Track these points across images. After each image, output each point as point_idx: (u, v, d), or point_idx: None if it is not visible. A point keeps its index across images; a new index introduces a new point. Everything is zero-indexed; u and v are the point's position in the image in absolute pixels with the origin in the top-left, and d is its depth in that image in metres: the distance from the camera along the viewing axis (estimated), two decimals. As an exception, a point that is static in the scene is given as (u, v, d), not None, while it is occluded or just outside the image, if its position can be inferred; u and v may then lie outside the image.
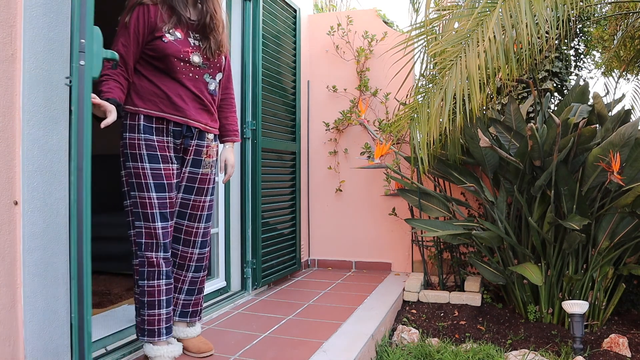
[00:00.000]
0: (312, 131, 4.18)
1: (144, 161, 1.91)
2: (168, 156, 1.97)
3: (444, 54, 2.60)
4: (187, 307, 2.16)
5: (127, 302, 2.81)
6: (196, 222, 2.10)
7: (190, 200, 2.09)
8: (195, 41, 1.99)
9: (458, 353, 2.47)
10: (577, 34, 3.79)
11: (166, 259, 1.97)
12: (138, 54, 1.91)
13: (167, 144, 1.97)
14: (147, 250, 1.94)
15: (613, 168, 2.47)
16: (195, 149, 2.07)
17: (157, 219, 1.93)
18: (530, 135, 2.66)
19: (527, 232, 3.02)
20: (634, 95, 4.91)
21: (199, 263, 2.15)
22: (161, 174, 1.93)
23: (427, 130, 2.69)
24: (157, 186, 1.92)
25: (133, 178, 1.93)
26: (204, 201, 2.12)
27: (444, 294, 3.29)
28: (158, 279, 1.95)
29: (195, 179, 2.09)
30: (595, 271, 2.83)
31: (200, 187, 2.10)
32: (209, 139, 2.12)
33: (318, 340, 2.32)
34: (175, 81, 1.95)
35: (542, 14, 2.30)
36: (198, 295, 2.18)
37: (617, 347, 2.53)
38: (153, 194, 1.92)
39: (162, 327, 1.96)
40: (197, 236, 2.11)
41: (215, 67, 2.07)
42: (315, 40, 4.20)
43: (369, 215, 4.05)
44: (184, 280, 2.14)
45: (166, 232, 1.96)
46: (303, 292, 3.30)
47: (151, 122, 1.93)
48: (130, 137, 1.93)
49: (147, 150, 1.92)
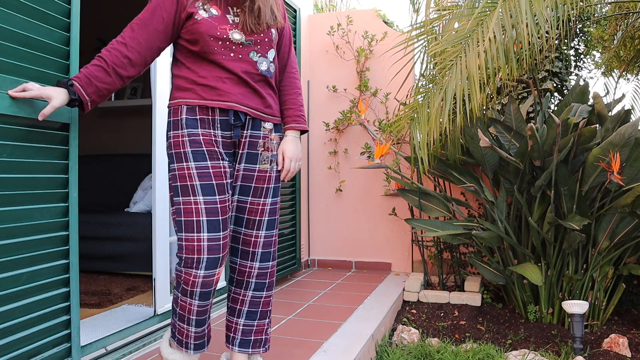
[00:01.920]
0: (312, 131, 4.18)
1: (188, 160, 1.65)
2: (217, 152, 1.68)
3: (444, 54, 2.60)
4: (248, 335, 1.82)
5: (127, 302, 2.81)
6: (255, 229, 1.78)
7: (247, 202, 1.78)
8: (236, 17, 1.71)
9: (458, 353, 2.47)
10: (577, 34, 3.80)
11: (207, 278, 1.62)
12: (156, 39, 1.66)
13: (214, 137, 1.69)
14: (186, 266, 1.62)
15: (613, 168, 2.48)
16: (249, 141, 1.76)
17: (204, 228, 1.61)
18: (530, 135, 2.66)
19: (527, 232, 3.03)
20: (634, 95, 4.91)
21: (260, 280, 1.80)
22: (209, 173, 1.64)
23: (427, 130, 2.69)
24: (205, 188, 1.63)
25: (177, 181, 1.66)
26: (264, 204, 1.78)
27: (444, 294, 3.29)
28: (191, 297, 1.64)
29: (252, 177, 1.77)
30: (595, 271, 2.84)
31: (258, 186, 1.78)
32: (266, 129, 1.79)
33: (318, 340, 2.32)
34: (214, 64, 1.68)
35: (542, 14, 2.30)
36: (262, 320, 1.84)
37: (617, 347, 2.53)
38: (200, 198, 1.62)
39: (190, 342, 1.72)
40: (257, 246, 1.79)
41: (264, 43, 1.74)
42: (315, 40, 4.20)
43: (369, 215, 4.05)
44: (244, 300, 1.81)
45: (214, 246, 1.62)
46: (303, 292, 3.30)
47: (194, 114, 1.67)
48: (174, 135, 1.69)
49: (191, 146, 1.65)
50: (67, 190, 1.74)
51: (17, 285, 1.55)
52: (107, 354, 2.03)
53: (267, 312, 1.85)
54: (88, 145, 4.30)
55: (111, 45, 1.63)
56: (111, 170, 4.19)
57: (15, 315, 1.54)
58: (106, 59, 1.59)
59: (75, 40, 1.76)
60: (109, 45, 1.63)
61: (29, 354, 1.58)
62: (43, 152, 1.65)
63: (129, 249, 3.43)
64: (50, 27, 1.66)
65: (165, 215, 2.44)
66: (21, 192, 1.57)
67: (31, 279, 1.60)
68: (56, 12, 1.69)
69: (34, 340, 1.60)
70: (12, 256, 1.54)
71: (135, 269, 3.43)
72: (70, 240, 1.75)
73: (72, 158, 1.75)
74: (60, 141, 1.72)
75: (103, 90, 1.58)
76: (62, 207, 1.73)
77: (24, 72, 1.56)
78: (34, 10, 1.60)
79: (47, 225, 1.67)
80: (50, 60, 1.66)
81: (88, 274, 3.56)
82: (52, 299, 1.69)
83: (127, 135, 4.41)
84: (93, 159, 4.24)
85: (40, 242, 1.64)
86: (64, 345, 1.73)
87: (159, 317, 2.38)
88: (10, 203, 1.53)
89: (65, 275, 1.74)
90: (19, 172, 1.56)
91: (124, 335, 2.19)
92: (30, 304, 1.59)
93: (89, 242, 3.45)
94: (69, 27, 1.74)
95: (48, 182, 1.68)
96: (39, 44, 1.61)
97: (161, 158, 2.41)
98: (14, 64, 1.53)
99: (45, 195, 1.66)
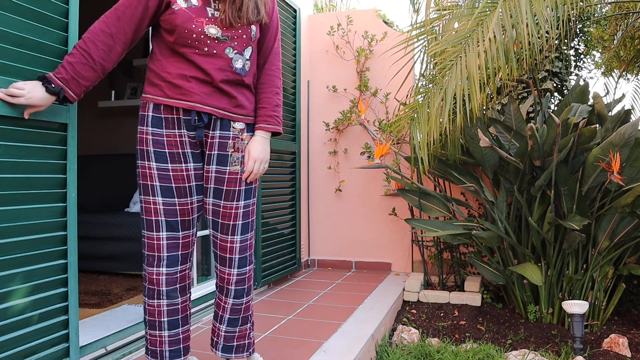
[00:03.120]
0: (312, 131, 4.18)
1: (150, 159, 1.65)
2: (180, 153, 1.67)
3: (444, 54, 2.59)
4: (231, 341, 1.81)
5: (127, 302, 2.81)
6: (229, 234, 1.73)
7: (220, 206, 1.73)
8: (216, 11, 1.65)
9: (458, 353, 2.47)
10: (577, 34, 3.79)
11: (170, 276, 1.68)
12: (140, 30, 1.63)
13: (180, 137, 1.66)
14: (148, 265, 1.68)
15: (613, 168, 2.47)
16: (219, 142, 1.70)
17: (162, 227, 1.65)
18: (530, 135, 2.66)
19: (527, 232, 3.02)
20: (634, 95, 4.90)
21: (239, 286, 1.77)
22: (169, 176, 1.65)
23: (427, 130, 2.69)
24: (164, 190, 1.65)
25: (140, 178, 1.68)
26: (236, 207, 1.73)
27: (444, 294, 3.29)
28: (158, 298, 1.68)
29: (223, 180, 1.72)
30: (595, 271, 2.83)
31: (230, 189, 1.72)
32: (236, 129, 1.72)
33: (318, 340, 2.32)
34: (184, 59, 1.63)
35: (542, 14, 2.30)
36: (243, 326, 1.81)
37: (617, 347, 2.53)
38: (159, 199, 1.65)
39: (165, 350, 1.71)
40: (233, 252, 1.74)
41: (242, 40, 1.68)
42: (315, 40, 4.20)
43: (369, 215, 4.05)
44: (225, 307, 1.79)
45: (173, 244, 1.67)
46: (303, 292, 3.29)
47: (159, 112, 1.65)
48: (139, 130, 1.68)
49: (154, 146, 1.65)
50: (65, 190, 1.74)
51: (13, 285, 1.55)
52: (107, 354, 2.03)
53: (248, 316, 1.83)
54: (88, 145, 4.31)
55: (96, 36, 1.55)
56: (111, 170, 4.19)
57: (12, 314, 1.54)
58: (93, 55, 1.54)
59: (74, 41, 1.75)
60: (94, 36, 1.55)
61: (25, 353, 1.58)
62: (41, 152, 1.65)
63: (129, 249, 3.43)
64: (48, 28, 1.66)
65: (165, 215, 2.43)
66: (19, 192, 1.57)
67: (28, 279, 1.60)
68: (54, 12, 1.69)
69: (31, 340, 1.60)
70: (8, 255, 1.53)
71: (135, 269, 3.44)
72: (69, 240, 1.75)
73: (70, 158, 1.75)
74: (58, 141, 1.71)
75: (88, 87, 1.59)
76: (61, 207, 1.73)
77: (20, 73, 1.56)
78: (30, 11, 1.59)
79: (45, 225, 1.66)
80: (48, 60, 1.66)
81: (88, 274, 3.56)
82: (50, 299, 1.68)
83: (127, 135, 4.41)
84: (93, 159, 4.24)
85: (38, 241, 1.64)
86: (62, 345, 1.73)
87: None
88: (7, 203, 1.53)
89: (64, 275, 1.73)
90: (16, 172, 1.56)
91: (124, 335, 2.19)
92: (27, 304, 1.59)
93: (89, 242, 3.45)
94: (67, 27, 1.73)
95: (46, 182, 1.67)
96: (35, 44, 1.61)
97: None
98: (9, 65, 1.52)
99: (43, 195, 1.66)
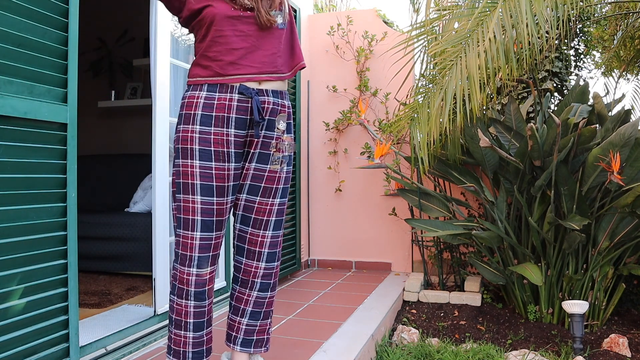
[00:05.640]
0: (312, 131, 4.18)
1: (194, 157, 1.64)
2: (225, 152, 1.67)
3: (444, 54, 2.59)
4: (251, 335, 1.81)
5: (127, 302, 2.81)
6: (262, 229, 1.76)
7: (255, 202, 1.75)
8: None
9: (458, 353, 2.47)
10: (577, 34, 3.79)
11: (200, 277, 1.66)
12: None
13: (227, 137, 1.66)
14: (180, 264, 1.66)
15: (613, 168, 2.47)
16: (263, 142, 1.73)
17: (197, 227, 1.64)
18: (530, 135, 2.66)
19: (527, 232, 3.02)
20: (634, 95, 4.91)
21: (265, 280, 1.79)
22: (211, 174, 1.65)
23: (427, 130, 2.69)
24: (204, 188, 1.64)
25: (181, 178, 1.66)
26: (272, 204, 1.76)
27: (444, 294, 3.29)
28: (186, 299, 1.67)
29: (262, 177, 1.74)
30: (595, 271, 2.83)
31: (268, 186, 1.75)
32: (280, 130, 1.75)
33: (318, 340, 2.32)
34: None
35: (542, 14, 2.30)
36: (265, 320, 1.83)
37: (617, 347, 2.53)
38: (198, 197, 1.64)
39: (189, 351, 1.69)
40: (263, 246, 1.77)
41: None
42: (315, 40, 4.19)
43: (369, 215, 4.05)
44: (248, 300, 1.79)
45: (205, 245, 1.66)
46: (303, 292, 3.29)
47: (209, 110, 1.66)
48: (183, 129, 1.67)
49: (200, 144, 1.64)
50: (65, 191, 1.74)
51: (14, 285, 1.55)
52: (107, 354, 2.03)
53: (270, 312, 1.84)
54: (88, 145, 4.31)
55: None
56: (111, 170, 4.19)
57: (12, 314, 1.54)
58: None
59: (73, 40, 1.76)
60: None
61: (25, 353, 1.58)
62: (41, 152, 1.65)
63: (129, 249, 3.43)
64: (48, 28, 1.66)
65: (165, 215, 2.44)
66: (19, 192, 1.57)
67: (28, 278, 1.60)
68: (53, 12, 1.69)
69: (31, 340, 1.60)
70: (8, 255, 1.53)
71: (135, 269, 3.44)
72: (69, 240, 1.75)
73: (70, 158, 1.75)
74: (58, 141, 1.72)
75: None
76: (61, 207, 1.73)
77: (19, 72, 1.56)
78: (30, 11, 1.60)
79: (45, 225, 1.67)
80: (47, 60, 1.66)
81: (88, 274, 3.56)
82: (50, 299, 1.69)
83: (127, 135, 4.41)
84: (93, 159, 4.24)
85: (38, 241, 1.64)
86: (62, 345, 1.73)
87: (159, 317, 2.38)
88: (7, 203, 1.53)
89: (64, 275, 1.74)
90: (16, 172, 1.56)
91: (124, 335, 2.19)
92: (27, 303, 1.59)
93: (89, 242, 3.45)
94: (67, 27, 1.73)
95: (46, 182, 1.67)
96: (35, 44, 1.61)
97: (161, 158, 2.41)
98: (9, 65, 1.52)
99: (43, 195, 1.66)
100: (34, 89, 1.62)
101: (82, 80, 1.90)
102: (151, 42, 2.39)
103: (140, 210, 3.68)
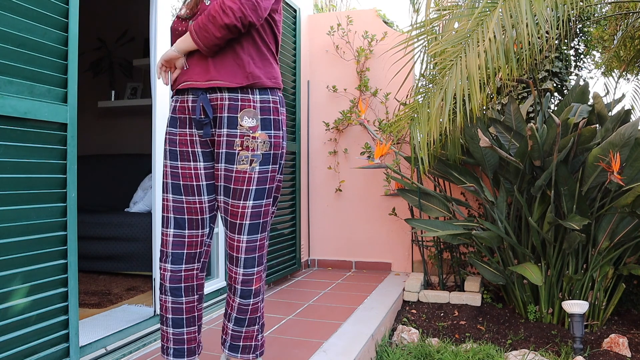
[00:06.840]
0: (312, 131, 4.18)
1: (166, 157, 1.73)
2: (189, 152, 1.70)
3: (444, 54, 2.59)
4: (237, 340, 1.78)
5: (127, 302, 2.81)
6: (236, 233, 1.70)
7: (228, 204, 1.70)
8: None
9: (458, 353, 2.47)
10: (577, 34, 3.79)
11: (174, 273, 1.70)
12: None
13: (191, 137, 1.70)
14: (159, 259, 1.73)
15: (613, 168, 2.47)
16: (227, 140, 1.66)
17: (170, 224, 1.70)
18: (530, 135, 2.66)
19: (527, 232, 3.02)
20: (634, 95, 4.91)
21: (245, 287, 1.72)
22: (177, 173, 1.70)
23: (427, 130, 2.69)
24: (174, 187, 1.71)
25: (162, 177, 1.76)
26: (244, 206, 1.68)
27: (444, 294, 3.29)
28: (164, 293, 1.72)
29: (230, 178, 1.68)
30: (595, 271, 2.83)
31: (237, 188, 1.67)
32: (244, 126, 1.65)
33: (318, 340, 2.32)
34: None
35: (542, 14, 2.30)
36: (251, 327, 1.77)
37: (617, 347, 2.53)
38: (170, 195, 1.71)
39: (170, 347, 1.72)
40: (239, 252, 1.70)
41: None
42: (315, 40, 4.20)
43: (369, 215, 4.05)
44: (233, 306, 1.76)
45: (179, 242, 1.70)
46: (303, 292, 3.29)
47: (174, 112, 1.73)
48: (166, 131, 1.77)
49: (169, 145, 1.73)
50: (66, 191, 1.74)
51: (14, 285, 1.55)
52: (107, 354, 2.03)
53: (256, 318, 1.78)
54: (88, 145, 4.31)
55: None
56: (111, 170, 4.19)
57: (12, 314, 1.54)
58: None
59: (73, 40, 1.76)
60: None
61: (25, 353, 1.58)
62: (41, 152, 1.65)
63: (129, 249, 3.43)
64: (47, 27, 1.66)
65: (165, 215, 2.43)
66: (19, 192, 1.57)
67: (29, 278, 1.60)
68: (53, 12, 1.69)
69: (31, 340, 1.60)
70: (9, 255, 1.53)
71: (135, 269, 3.43)
72: (69, 240, 1.75)
73: (70, 158, 1.75)
74: (58, 141, 1.72)
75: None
76: (61, 207, 1.73)
77: (19, 72, 1.56)
78: (30, 11, 1.60)
79: (45, 225, 1.67)
80: (47, 60, 1.66)
81: (88, 274, 3.55)
82: (50, 299, 1.69)
83: (127, 135, 4.41)
84: (93, 159, 4.24)
85: (38, 241, 1.64)
86: (62, 345, 1.73)
87: (159, 317, 2.37)
88: (7, 203, 1.53)
89: (64, 275, 1.74)
90: (16, 172, 1.56)
91: (124, 335, 2.19)
92: (27, 303, 1.59)
93: (89, 242, 3.45)
94: (67, 27, 1.73)
95: (46, 182, 1.67)
96: (35, 44, 1.61)
97: (161, 158, 2.41)
98: (9, 65, 1.52)
99: (43, 195, 1.66)
100: (34, 89, 1.62)
101: (82, 80, 1.90)
102: (151, 42, 2.39)
103: (140, 210, 3.68)
